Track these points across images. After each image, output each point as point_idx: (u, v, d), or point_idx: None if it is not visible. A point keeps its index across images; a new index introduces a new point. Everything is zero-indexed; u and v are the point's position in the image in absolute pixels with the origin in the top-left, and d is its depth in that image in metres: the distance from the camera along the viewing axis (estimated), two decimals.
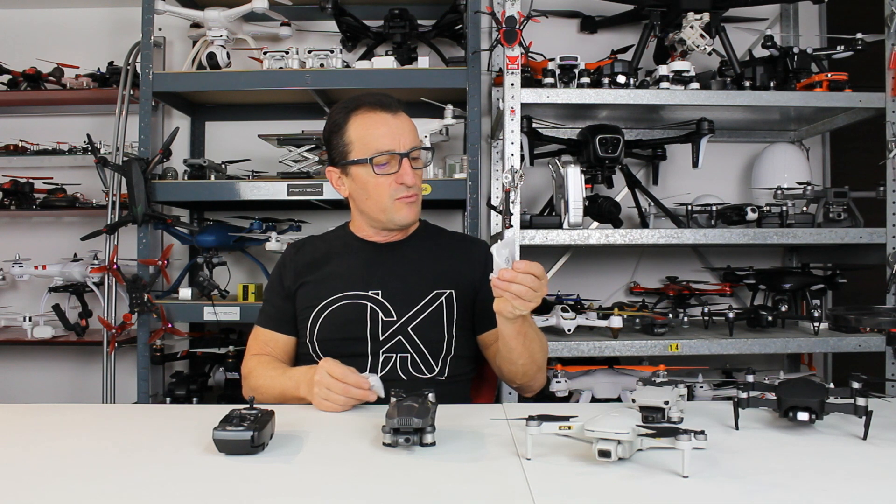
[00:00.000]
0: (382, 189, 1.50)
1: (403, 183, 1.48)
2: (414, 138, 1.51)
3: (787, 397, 1.17)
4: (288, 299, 1.59)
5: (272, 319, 1.61)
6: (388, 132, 1.48)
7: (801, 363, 2.89)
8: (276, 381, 1.46)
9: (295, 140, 2.61)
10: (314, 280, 1.58)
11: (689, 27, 2.44)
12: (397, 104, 1.52)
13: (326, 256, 1.61)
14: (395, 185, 1.49)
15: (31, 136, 2.98)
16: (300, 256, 1.62)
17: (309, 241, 1.69)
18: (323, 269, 1.59)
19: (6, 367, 3.07)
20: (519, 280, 1.26)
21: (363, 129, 1.49)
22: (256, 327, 1.63)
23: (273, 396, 1.44)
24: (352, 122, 1.51)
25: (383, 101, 1.51)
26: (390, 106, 1.50)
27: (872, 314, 2.34)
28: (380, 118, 1.49)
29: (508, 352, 1.45)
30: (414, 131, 1.52)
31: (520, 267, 1.26)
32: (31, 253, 2.87)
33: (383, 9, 2.76)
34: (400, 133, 1.49)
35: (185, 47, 3.01)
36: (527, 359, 1.46)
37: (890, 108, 2.38)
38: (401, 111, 1.52)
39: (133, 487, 0.93)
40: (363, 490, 0.93)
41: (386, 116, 1.49)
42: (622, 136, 2.39)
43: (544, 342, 1.53)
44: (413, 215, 1.54)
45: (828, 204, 2.40)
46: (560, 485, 0.93)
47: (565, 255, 2.94)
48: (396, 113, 1.50)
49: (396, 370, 1.50)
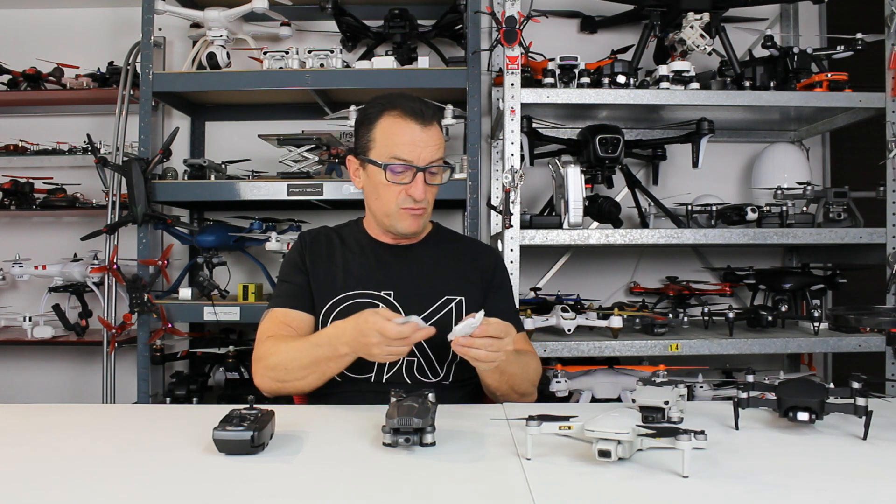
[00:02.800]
0: (391, 195, 1.50)
1: (412, 195, 1.48)
2: (436, 153, 1.50)
3: (787, 397, 1.17)
4: (307, 277, 1.57)
5: (292, 297, 1.56)
6: (411, 142, 1.47)
7: (801, 363, 2.88)
8: (302, 351, 1.40)
9: (295, 140, 2.61)
10: (326, 273, 1.57)
11: (689, 27, 2.44)
12: (432, 115, 1.50)
13: (340, 251, 1.60)
14: (403, 195, 1.49)
15: (31, 136, 2.98)
16: (315, 246, 1.61)
17: (324, 231, 1.67)
18: (336, 263, 1.58)
19: (6, 367, 3.07)
20: (476, 345, 1.27)
21: (388, 132, 1.48)
22: (271, 310, 1.55)
23: (301, 366, 1.39)
24: (382, 120, 1.49)
25: (419, 109, 1.48)
26: (423, 116, 1.48)
27: (872, 314, 2.34)
28: (407, 126, 1.47)
29: (486, 386, 1.48)
30: (439, 146, 1.51)
31: (476, 332, 1.27)
32: (31, 253, 2.87)
33: (383, 9, 2.76)
34: (423, 146, 1.47)
35: (185, 47, 3.00)
36: (506, 390, 1.48)
37: (890, 108, 2.38)
38: (433, 124, 1.50)
39: (133, 487, 0.93)
40: (363, 490, 0.93)
41: (414, 127, 1.47)
42: (622, 136, 2.39)
43: (530, 366, 1.52)
44: (416, 227, 1.54)
45: (828, 204, 2.40)
46: (560, 485, 0.93)
47: (565, 255, 2.94)
48: (427, 126, 1.48)
49: (402, 374, 1.50)
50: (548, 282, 2.93)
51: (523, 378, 1.49)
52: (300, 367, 1.39)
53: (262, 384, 1.45)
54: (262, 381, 1.45)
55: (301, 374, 1.40)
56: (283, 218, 2.79)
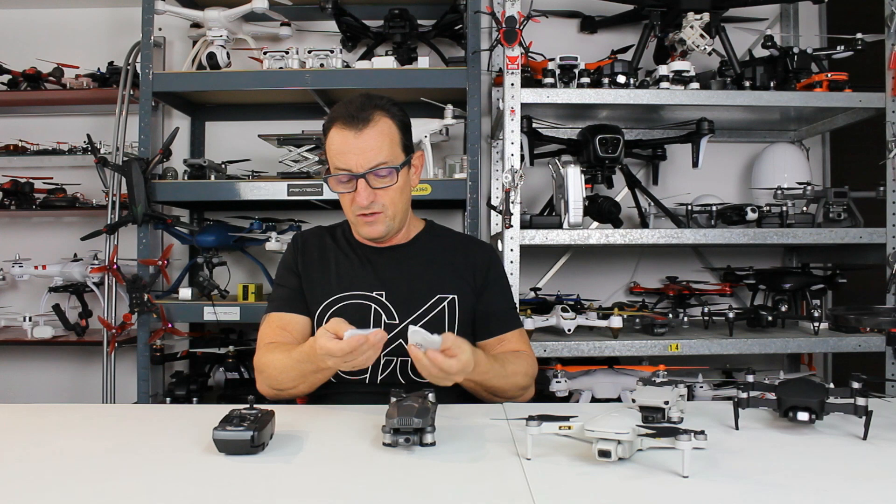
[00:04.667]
0: (346, 204, 1.54)
1: (357, 203, 1.49)
2: (374, 157, 1.46)
3: (787, 397, 1.17)
4: (300, 280, 1.59)
5: (288, 301, 1.58)
6: (347, 151, 1.46)
7: (801, 363, 2.88)
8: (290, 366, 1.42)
9: (295, 140, 2.61)
10: (320, 276, 1.58)
11: (689, 27, 2.44)
12: (368, 117, 1.47)
13: (333, 252, 1.61)
14: (355, 203, 1.50)
15: (31, 136, 2.98)
16: (308, 248, 1.63)
17: (318, 232, 1.68)
18: (329, 265, 1.59)
19: (6, 367, 3.07)
20: (423, 363, 1.24)
21: (330, 144, 1.50)
22: (268, 315, 1.58)
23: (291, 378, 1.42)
24: (329, 135, 1.51)
25: (351, 116, 1.46)
26: (356, 123, 1.46)
27: (872, 314, 2.34)
28: (341, 136, 1.47)
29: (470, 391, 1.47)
30: (380, 148, 1.47)
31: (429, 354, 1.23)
32: (31, 253, 2.87)
33: (383, 9, 2.76)
34: (358, 153, 1.46)
35: (185, 47, 3.00)
36: (488, 397, 1.48)
37: (890, 108, 2.38)
38: (367, 127, 1.46)
39: (133, 487, 0.93)
40: (363, 490, 0.93)
41: (348, 135, 1.46)
42: (622, 136, 2.39)
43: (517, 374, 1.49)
44: (375, 233, 1.54)
45: (828, 204, 2.40)
46: (560, 485, 0.93)
47: (565, 255, 2.94)
48: (361, 129, 1.45)
49: (396, 374, 1.51)
50: (548, 282, 2.93)
51: (505, 385, 1.47)
52: (290, 379, 1.43)
53: (263, 391, 1.50)
54: (261, 388, 1.50)
55: (293, 384, 1.44)
56: (283, 218, 2.79)
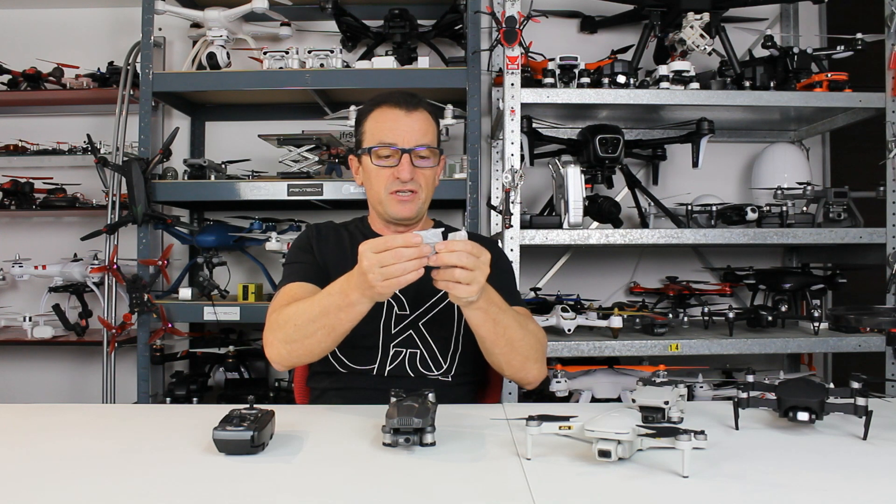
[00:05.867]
0: (380, 180, 1.53)
1: (399, 177, 1.50)
2: (422, 137, 1.52)
3: (787, 397, 1.17)
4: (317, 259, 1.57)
5: (305, 273, 1.53)
6: (396, 127, 1.51)
7: (801, 363, 2.88)
8: (312, 302, 1.34)
9: (295, 140, 2.61)
10: (336, 260, 1.56)
11: (689, 27, 2.44)
12: (418, 103, 1.54)
13: (348, 241, 1.61)
14: (391, 178, 1.52)
15: (31, 136, 2.98)
16: (324, 235, 1.63)
17: (331, 225, 1.69)
18: (345, 251, 1.58)
19: (6, 367, 3.07)
20: (444, 260, 1.18)
21: (376, 122, 1.54)
22: (285, 287, 1.50)
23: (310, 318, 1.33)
24: (372, 114, 1.55)
25: (403, 99, 1.54)
26: (408, 104, 1.53)
27: (872, 314, 2.34)
28: (392, 114, 1.53)
29: (482, 342, 1.39)
30: (426, 131, 1.53)
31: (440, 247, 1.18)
32: (31, 253, 2.87)
33: (383, 9, 2.76)
34: (407, 130, 1.51)
35: (185, 47, 3.00)
36: (503, 347, 1.39)
37: (890, 108, 2.38)
38: (418, 110, 1.53)
39: (133, 487, 0.93)
40: (363, 490, 0.93)
41: (398, 113, 1.52)
42: (622, 136, 2.39)
43: (531, 332, 1.45)
44: (407, 212, 1.55)
45: (828, 204, 2.40)
46: (560, 485, 0.93)
47: (565, 255, 2.94)
48: (412, 111, 1.52)
49: (405, 366, 1.51)
50: (548, 282, 2.93)
51: (522, 335, 1.41)
52: (309, 319, 1.34)
53: (272, 352, 1.41)
54: (270, 348, 1.41)
55: (311, 330, 1.34)
56: (283, 218, 2.79)
